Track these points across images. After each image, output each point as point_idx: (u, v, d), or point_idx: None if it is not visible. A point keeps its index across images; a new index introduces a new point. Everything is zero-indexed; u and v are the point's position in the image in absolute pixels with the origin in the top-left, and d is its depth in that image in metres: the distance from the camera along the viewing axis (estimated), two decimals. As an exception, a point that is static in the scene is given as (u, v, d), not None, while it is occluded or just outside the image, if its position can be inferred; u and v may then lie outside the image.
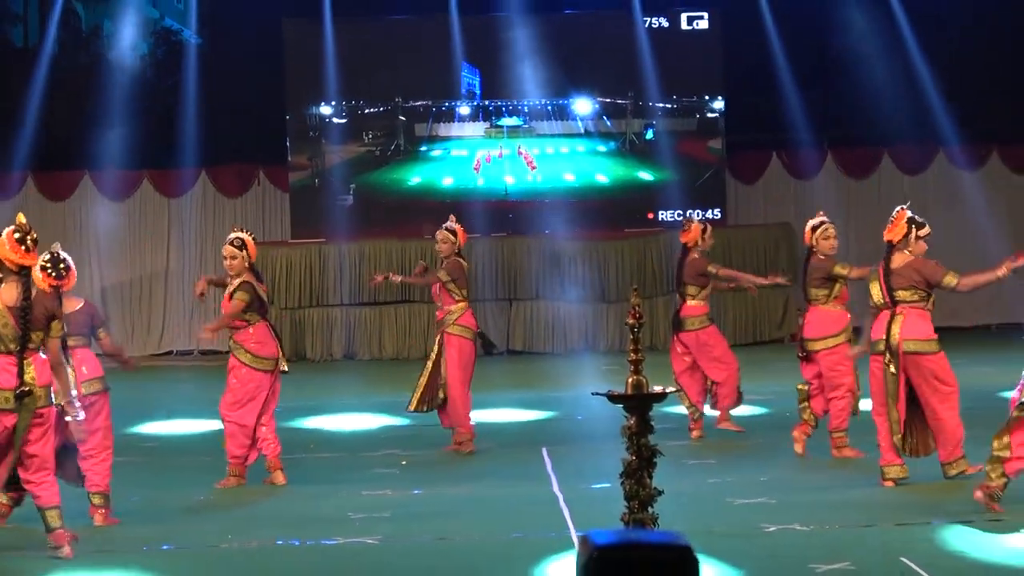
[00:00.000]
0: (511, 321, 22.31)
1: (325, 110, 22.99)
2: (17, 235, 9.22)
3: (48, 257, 10.19)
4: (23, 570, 9.27)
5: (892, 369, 11.14)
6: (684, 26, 23.16)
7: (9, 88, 22.02)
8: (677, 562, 2.53)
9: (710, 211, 22.55)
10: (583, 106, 23.28)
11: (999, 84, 22.55)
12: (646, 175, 23.22)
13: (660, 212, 22.85)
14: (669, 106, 23.14)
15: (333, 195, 22.88)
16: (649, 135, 23.25)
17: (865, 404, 12.28)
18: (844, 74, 21.77)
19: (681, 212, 21.46)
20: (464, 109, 23.31)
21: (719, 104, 23.17)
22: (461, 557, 9.33)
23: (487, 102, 23.23)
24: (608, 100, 23.28)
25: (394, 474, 12.36)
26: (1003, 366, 16.31)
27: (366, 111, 23.27)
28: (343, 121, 23.17)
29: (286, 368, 12.15)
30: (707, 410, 13.88)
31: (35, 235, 9.37)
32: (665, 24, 23.06)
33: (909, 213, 11.27)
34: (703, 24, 23.16)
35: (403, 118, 23.16)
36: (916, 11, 22.29)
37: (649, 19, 22.88)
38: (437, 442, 13.51)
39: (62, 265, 10.10)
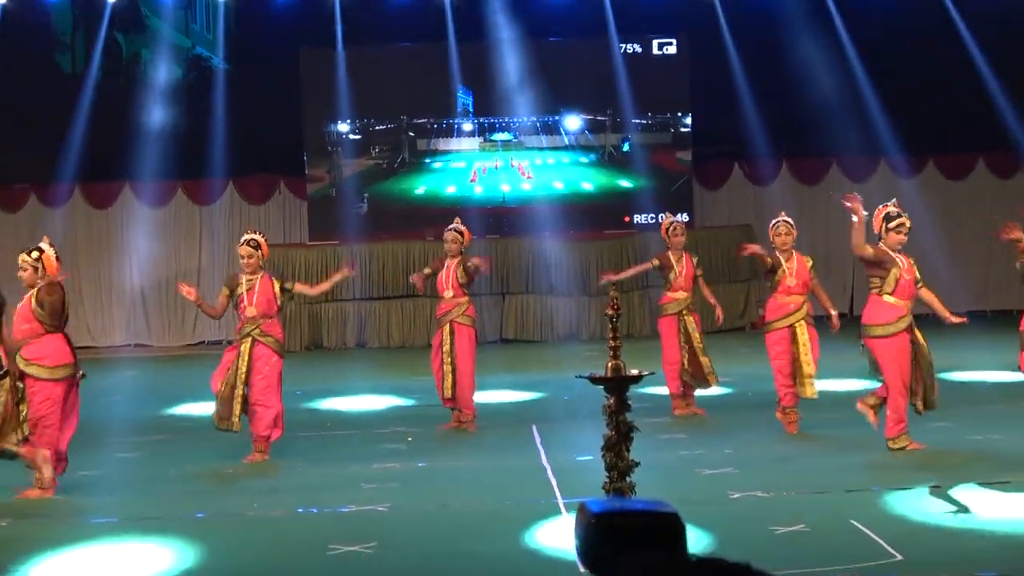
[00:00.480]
0: (504, 313, 22.29)
1: (342, 127, 22.98)
2: None
3: (53, 248, 10.61)
4: (70, 536, 9.24)
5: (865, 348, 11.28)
6: (655, 51, 23.15)
7: (59, 109, 21.99)
8: (666, 527, 2.52)
9: (679, 215, 22.45)
10: (568, 122, 23.27)
11: (934, 100, 22.55)
12: (626, 183, 23.18)
13: (635, 216, 22.84)
14: (643, 122, 23.13)
15: (349, 203, 22.86)
16: (626, 147, 23.25)
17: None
18: (797, 92, 21.71)
19: (654, 216, 21.52)
20: (467, 126, 23.26)
21: (687, 120, 23.19)
22: (461, 522, 9.32)
23: (481, 119, 23.21)
24: (589, 117, 23.27)
25: (401, 449, 12.33)
26: (938, 351, 16.32)
27: (376, 128, 23.26)
28: (357, 137, 23.17)
29: None
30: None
31: None
32: (639, 50, 23.04)
33: (888, 209, 11.28)
34: (672, 49, 23.16)
35: (412, 134, 23.16)
36: (861, 35, 22.30)
37: (624, 45, 22.87)
38: (439, 421, 13.49)
39: None
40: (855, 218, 11.10)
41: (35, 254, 10.65)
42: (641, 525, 2.58)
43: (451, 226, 13.56)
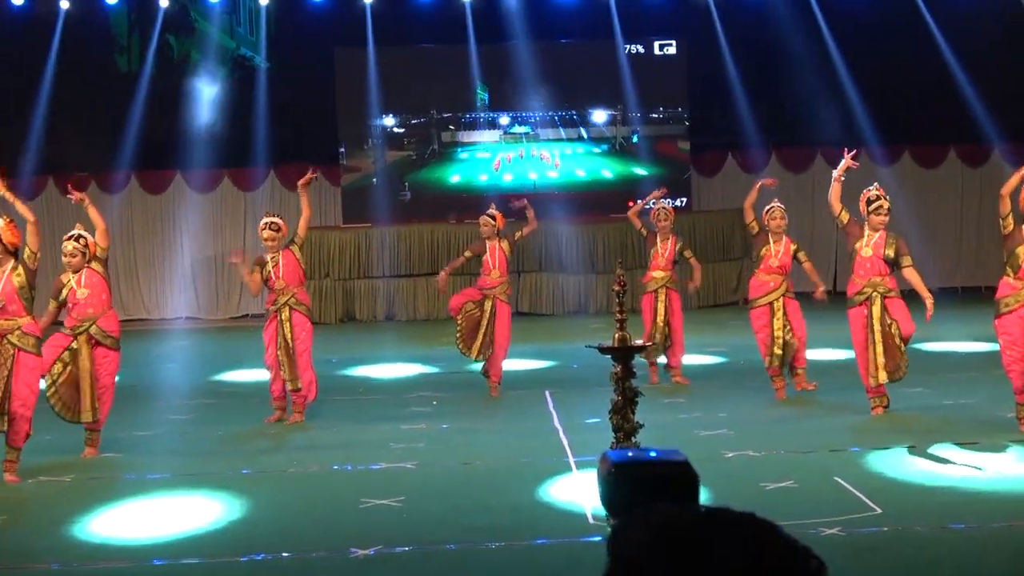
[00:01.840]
0: (519, 289, 22.23)
1: (388, 121, 22.99)
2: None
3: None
4: (128, 490, 9.26)
5: None
6: (657, 52, 23.07)
7: (117, 104, 21.97)
8: (680, 474, 2.53)
9: (679, 200, 22.60)
10: (595, 116, 23.22)
11: (910, 95, 22.46)
12: (641, 171, 23.04)
13: (640, 201, 22.77)
14: (649, 115, 23.08)
15: (389, 190, 22.83)
16: (635, 139, 23.19)
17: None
18: (785, 88, 21.65)
19: (668, 201, 21.47)
20: (490, 120, 23.20)
21: (686, 113, 23.15)
22: (481, 478, 9.32)
23: (503, 114, 23.13)
24: (599, 111, 23.22)
25: (427, 412, 12.33)
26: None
27: (411, 122, 23.23)
28: (401, 131, 23.18)
29: None
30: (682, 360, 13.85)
31: None
32: (641, 50, 22.97)
33: (870, 193, 11.28)
34: (672, 50, 23.09)
35: (451, 127, 23.12)
36: (843, 36, 22.22)
37: (628, 46, 22.80)
38: (463, 386, 13.47)
39: None
40: (836, 172, 11.25)
41: (82, 240, 10.57)
42: (658, 475, 2.59)
43: (487, 212, 13.62)
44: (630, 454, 2.66)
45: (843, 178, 11.40)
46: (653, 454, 2.86)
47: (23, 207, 9.91)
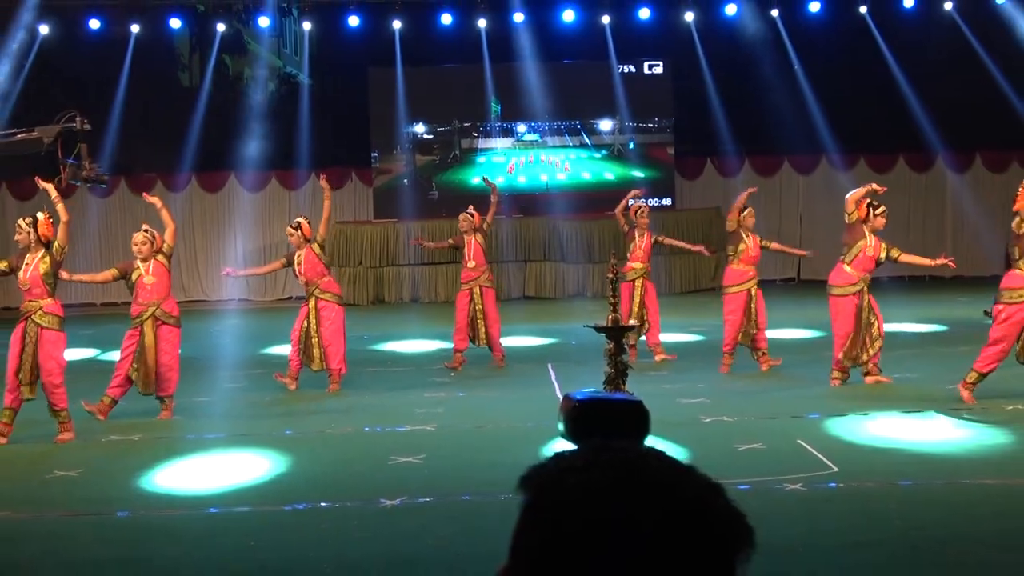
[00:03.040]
0: (526, 276, 22.25)
1: (419, 128, 23.01)
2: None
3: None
4: (187, 447, 9.28)
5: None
6: (646, 71, 23.07)
7: (180, 114, 22.01)
8: (634, 411, 2.55)
9: (665, 199, 22.64)
10: (586, 125, 23.22)
11: (865, 109, 22.43)
12: (639, 173, 22.99)
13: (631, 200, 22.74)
14: (646, 125, 23.10)
15: (418, 190, 22.83)
16: (631, 146, 23.18)
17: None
18: (757, 102, 21.62)
19: (644, 199, 21.44)
20: (502, 130, 23.19)
21: (671, 124, 23.14)
22: (492, 439, 9.32)
23: (511, 124, 23.13)
24: (602, 121, 23.23)
25: (446, 382, 12.34)
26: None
27: (438, 130, 23.24)
28: (426, 137, 23.18)
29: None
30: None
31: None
32: (633, 70, 22.96)
33: (871, 201, 11.25)
34: (659, 70, 23.08)
35: (474, 134, 23.14)
36: (807, 58, 22.23)
37: (621, 66, 22.79)
38: (477, 361, 13.46)
39: None
40: (870, 186, 11.20)
41: (149, 232, 10.68)
42: (615, 408, 2.62)
43: (466, 210, 13.65)
44: (590, 394, 2.68)
45: (872, 193, 11.26)
46: (613, 396, 2.90)
47: (62, 209, 9.86)
